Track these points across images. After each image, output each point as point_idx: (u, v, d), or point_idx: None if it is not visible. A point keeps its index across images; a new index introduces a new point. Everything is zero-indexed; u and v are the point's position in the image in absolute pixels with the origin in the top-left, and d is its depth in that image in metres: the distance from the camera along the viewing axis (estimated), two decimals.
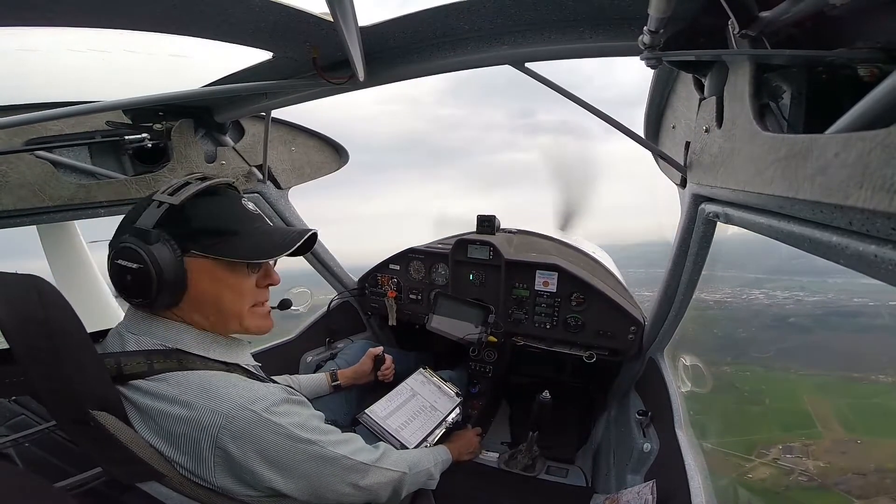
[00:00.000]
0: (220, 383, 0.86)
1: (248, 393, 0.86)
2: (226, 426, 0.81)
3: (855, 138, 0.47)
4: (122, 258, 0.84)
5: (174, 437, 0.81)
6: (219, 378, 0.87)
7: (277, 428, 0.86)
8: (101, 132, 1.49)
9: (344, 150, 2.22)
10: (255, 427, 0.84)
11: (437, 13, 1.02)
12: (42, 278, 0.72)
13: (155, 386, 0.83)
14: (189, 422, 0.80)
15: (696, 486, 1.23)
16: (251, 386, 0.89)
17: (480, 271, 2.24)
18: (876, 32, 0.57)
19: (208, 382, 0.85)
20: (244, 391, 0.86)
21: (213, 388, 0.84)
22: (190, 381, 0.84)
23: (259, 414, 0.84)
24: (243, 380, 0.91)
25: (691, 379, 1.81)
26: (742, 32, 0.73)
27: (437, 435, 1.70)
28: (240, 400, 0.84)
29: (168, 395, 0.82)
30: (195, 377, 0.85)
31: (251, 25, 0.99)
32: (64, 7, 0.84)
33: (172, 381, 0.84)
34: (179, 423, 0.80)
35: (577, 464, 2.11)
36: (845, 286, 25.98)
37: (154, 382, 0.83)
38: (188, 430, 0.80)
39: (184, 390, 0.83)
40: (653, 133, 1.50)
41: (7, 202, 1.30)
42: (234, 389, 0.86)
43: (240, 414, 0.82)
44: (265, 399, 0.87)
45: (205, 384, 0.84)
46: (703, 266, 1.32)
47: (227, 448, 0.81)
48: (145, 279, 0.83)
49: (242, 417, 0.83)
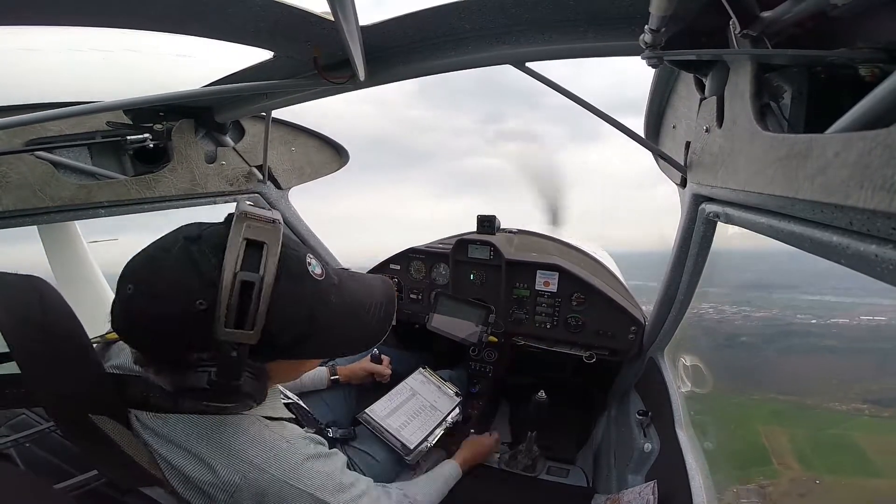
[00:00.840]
0: (236, 437, 0.82)
1: (267, 452, 0.83)
2: (243, 488, 0.79)
3: (855, 138, 0.47)
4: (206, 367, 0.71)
5: (188, 484, 0.79)
6: (234, 429, 0.83)
7: (295, 490, 0.84)
8: (101, 132, 1.49)
9: (344, 150, 2.22)
10: (272, 486, 0.82)
11: (438, 12, 1.01)
12: (42, 279, 0.72)
13: (162, 425, 0.80)
14: (202, 477, 0.78)
15: (697, 486, 1.23)
16: (271, 441, 0.85)
17: (481, 271, 2.24)
18: (877, 32, 0.57)
19: (223, 436, 0.81)
20: (262, 450, 0.83)
21: (229, 443, 0.81)
22: (201, 428, 0.81)
23: (279, 478, 0.82)
24: (263, 430, 0.86)
25: (691, 379, 1.81)
26: (743, 32, 0.73)
27: (438, 435, 1.70)
28: (257, 461, 0.81)
29: (177, 441, 0.79)
30: (206, 422, 0.81)
31: (252, 25, 0.99)
32: (64, 7, 0.83)
33: (182, 429, 0.80)
34: (195, 477, 0.79)
35: (578, 464, 2.11)
36: (790, 302, 25.55)
37: (161, 422, 0.80)
38: (204, 485, 0.79)
39: (196, 440, 0.79)
40: (653, 133, 1.50)
41: (7, 202, 1.30)
42: (251, 447, 0.82)
43: (259, 476, 0.80)
44: (286, 460, 0.84)
45: (219, 437, 0.81)
46: (703, 266, 1.32)
47: (243, 501, 0.80)
48: (231, 390, 0.72)
49: (261, 480, 0.80)
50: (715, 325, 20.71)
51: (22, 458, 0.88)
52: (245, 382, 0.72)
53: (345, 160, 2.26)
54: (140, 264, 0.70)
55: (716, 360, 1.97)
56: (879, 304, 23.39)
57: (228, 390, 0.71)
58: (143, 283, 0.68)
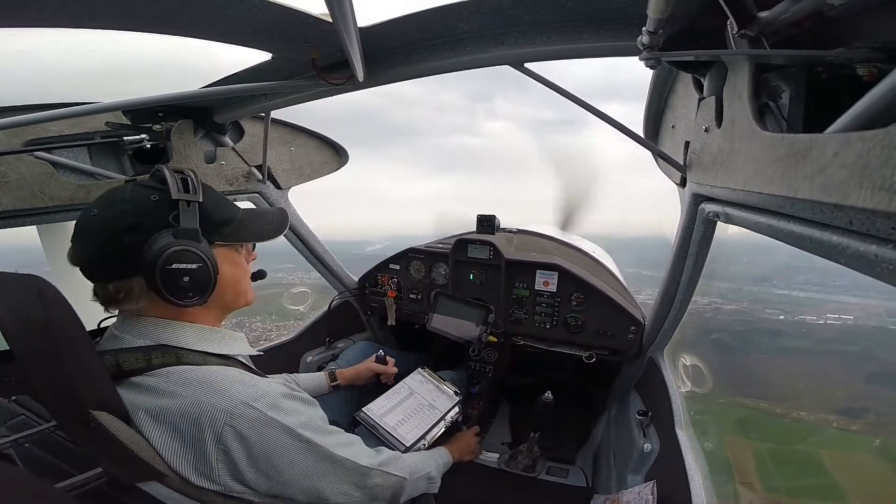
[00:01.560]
0: (222, 378, 0.86)
1: (251, 389, 0.86)
2: (229, 423, 0.81)
3: (854, 138, 0.47)
4: (179, 261, 0.84)
5: (177, 433, 0.81)
6: (219, 373, 0.87)
7: (281, 426, 0.86)
8: (100, 133, 1.49)
9: (343, 150, 2.23)
10: (259, 424, 0.84)
11: (436, 14, 1.02)
12: (42, 278, 0.72)
13: (155, 382, 0.83)
14: (192, 417, 0.80)
15: (697, 487, 1.23)
16: (253, 381, 0.89)
17: (481, 271, 2.25)
18: (875, 32, 0.57)
19: (210, 378, 0.85)
20: (246, 387, 0.86)
21: (215, 383, 0.84)
22: (191, 377, 0.84)
23: (262, 412, 0.84)
24: (244, 374, 0.92)
25: (691, 379, 1.81)
26: (741, 32, 0.73)
27: (436, 433, 1.70)
28: (242, 396, 0.84)
29: (169, 391, 0.82)
30: (195, 372, 0.85)
31: (250, 26, 0.99)
32: (64, 8, 0.83)
33: (173, 378, 0.83)
34: (182, 420, 0.80)
35: (578, 464, 2.11)
36: (760, 295, 25.12)
37: (154, 378, 0.83)
38: (191, 426, 0.80)
39: (185, 386, 0.83)
40: (652, 133, 1.50)
41: (7, 202, 1.30)
42: (236, 385, 0.85)
43: (243, 411, 0.82)
44: (268, 395, 0.87)
45: (206, 379, 0.84)
46: (703, 266, 1.33)
47: (230, 445, 0.81)
48: (204, 277, 0.88)
49: (246, 415, 0.83)
50: (686, 320, 20.70)
51: (21, 458, 0.88)
52: (214, 266, 0.89)
53: (344, 160, 2.26)
54: (99, 198, 0.87)
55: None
56: (847, 303, 23.36)
57: (208, 277, 0.88)
58: (106, 200, 0.86)
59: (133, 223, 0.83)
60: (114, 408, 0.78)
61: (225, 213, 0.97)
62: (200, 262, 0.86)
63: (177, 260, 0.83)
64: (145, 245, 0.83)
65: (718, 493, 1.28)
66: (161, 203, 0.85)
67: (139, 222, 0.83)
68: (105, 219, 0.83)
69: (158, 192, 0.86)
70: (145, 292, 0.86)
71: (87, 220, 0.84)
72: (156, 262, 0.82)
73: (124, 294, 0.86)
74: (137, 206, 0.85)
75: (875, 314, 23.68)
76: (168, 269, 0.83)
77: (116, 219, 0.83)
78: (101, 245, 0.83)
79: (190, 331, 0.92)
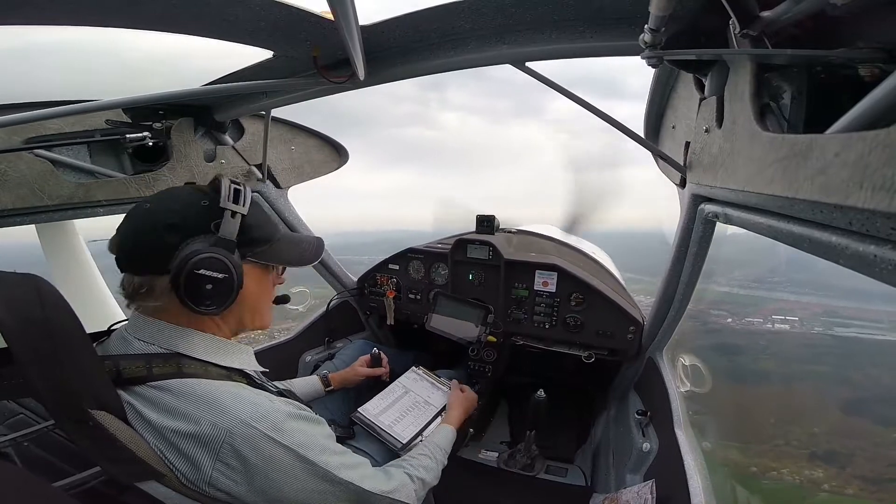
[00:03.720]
0: (224, 395, 0.84)
1: (252, 408, 0.85)
2: (228, 440, 0.80)
3: (855, 138, 0.47)
4: (207, 268, 0.84)
5: (175, 448, 0.80)
6: (222, 388, 0.86)
7: (280, 446, 0.85)
8: (100, 131, 1.49)
9: (344, 149, 2.22)
10: (259, 445, 0.82)
11: (437, 12, 1.01)
12: (42, 278, 0.72)
13: (157, 395, 0.82)
14: (191, 433, 0.80)
15: (696, 486, 1.23)
16: (256, 399, 0.88)
17: (480, 271, 2.24)
18: (877, 32, 0.57)
19: (211, 393, 0.84)
20: (248, 405, 0.85)
21: (217, 400, 0.83)
22: (192, 391, 0.83)
23: (262, 432, 0.83)
24: (246, 389, 0.90)
25: (690, 379, 1.81)
26: (743, 32, 0.73)
27: (432, 430, 1.70)
28: (243, 415, 0.82)
29: (170, 405, 0.81)
30: (197, 386, 0.84)
31: (251, 24, 0.99)
32: (64, 6, 0.83)
33: (175, 391, 0.82)
34: (181, 437, 0.80)
35: (577, 463, 2.12)
36: (702, 293, 24.72)
37: (156, 391, 0.82)
38: (190, 444, 0.80)
39: (186, 401, 0.82)
40: (653, 133, 1.50)
41: (6, 201, 1.30)
42: (238, 403, 0.84)
43: (243, 430, 0.81)
44: (270, 416, 0.85)
45: (208, 395, 0.83)
46: (702, 266, 1.33)
47: (228, 463, 0.81)
48: (227, 289, 0.87)
49: (245, 434, 0.81)
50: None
51: (20, 457, 0.88)
52: (241, 279, 0.88)
53: (344, 159, 2.26)
54: (157, 194, 0.92)
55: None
56: (787, 300, 22.97)
57: (231, 289, 0.87)
58: (162, 196, 0.90)
59: (177, 222, 0.85)
60: (112, 407, 0.78)
61: (264, 232, 0.98)
62: (227, 272, 0.86)
63: (205, 266, 0.83)
64: (181, 245, 0.84)
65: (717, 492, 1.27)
66: (208, 208, 0.87)
67: (183, 222, 0.85)
68: (153, 213, 0.86)
69: (210, 197, 0.88)
70: (167, 292, 0.85)
71: (137, 211, 0.87)
72: (185, 263, 0.82)
73: (147, 290, 0.85)
74: (186, 206, 0.87)
75: (817, 314, 23.26)
76: (194, 273, 0.83)
77: (163, 215, 0.85)
78: (141, 237, 0.85)
79: (199, 339, 0.91)
